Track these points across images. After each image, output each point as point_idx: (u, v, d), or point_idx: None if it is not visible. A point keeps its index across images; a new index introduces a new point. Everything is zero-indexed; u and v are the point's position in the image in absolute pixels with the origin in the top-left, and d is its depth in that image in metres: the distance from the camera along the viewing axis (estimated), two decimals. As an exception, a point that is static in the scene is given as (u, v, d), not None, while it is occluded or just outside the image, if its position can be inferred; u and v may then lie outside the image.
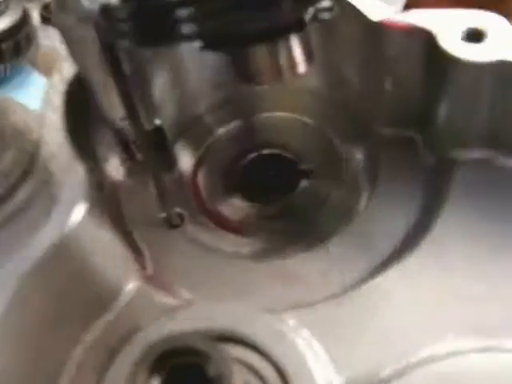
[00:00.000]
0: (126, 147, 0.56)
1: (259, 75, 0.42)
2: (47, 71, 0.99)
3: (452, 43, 0.47)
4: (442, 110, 0.51)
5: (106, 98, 0.51)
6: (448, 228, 0.50)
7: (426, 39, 0.49)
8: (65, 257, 0.43)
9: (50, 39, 1.04)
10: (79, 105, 0.51)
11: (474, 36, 0.48)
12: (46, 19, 1.07)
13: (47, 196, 0.46)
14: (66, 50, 0.51)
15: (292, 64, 0.41)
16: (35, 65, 0.98)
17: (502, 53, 0.46)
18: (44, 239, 0.42)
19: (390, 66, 0.51)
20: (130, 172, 0.57)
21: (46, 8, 1.06)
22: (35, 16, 1.04)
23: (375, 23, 0.51)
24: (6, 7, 0.91)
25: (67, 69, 0.51)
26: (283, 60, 0.41)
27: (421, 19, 0.50)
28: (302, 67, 0.42)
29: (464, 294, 0.45)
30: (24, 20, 0.92)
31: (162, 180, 0.54)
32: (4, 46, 0.89)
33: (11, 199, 0.47)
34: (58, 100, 0.50)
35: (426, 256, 0.48)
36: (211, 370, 0.36)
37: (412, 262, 0.48)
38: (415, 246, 0.49)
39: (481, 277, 0.46)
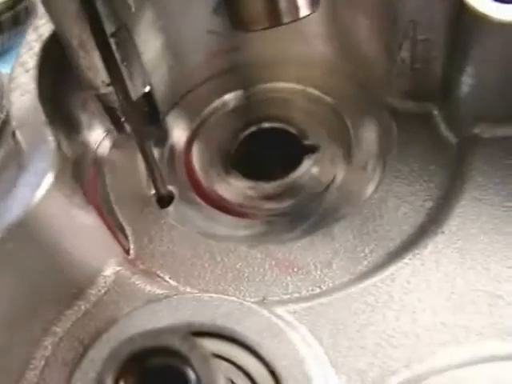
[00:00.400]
0: (111, 116, 0.50)
1: (256, 19, 0.36)
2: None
3: (481, 1, 0.41)
4: (467, 79, 0.45)
5: (87, 60, 0.45)
6: (468, 215, 0.44)
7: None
8: (32, 235, 0.38)
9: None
10: (56, 67, 0.46)
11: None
12: None
13: (15, 166, 0.41)
14: (42, 7, 0.45)
15: (292, 7, 0.36)
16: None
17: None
18: (7, 215, 0.37)
19: (407, 28, 0.45)
20: (115, 144, 0.52)
21: None
22: None
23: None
24: None
25: (43, 27, 0.46)
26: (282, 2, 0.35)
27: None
28: (303, 11, 0.36)
29: (487, 290, 0.40)
30: None
31: (151, 154, 0.48)
32: (2, 17, 0.92)
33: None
34: (31, 61, 0.44)
35: (443, 246, 0.42)
36: (190, 374, 0.31)
37: (427, 253, 0.42)
38: (431, 235, 0.43)
39: (506, 272, 0.40)
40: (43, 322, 0.41)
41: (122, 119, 0.50)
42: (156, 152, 0.52)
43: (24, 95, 0.43)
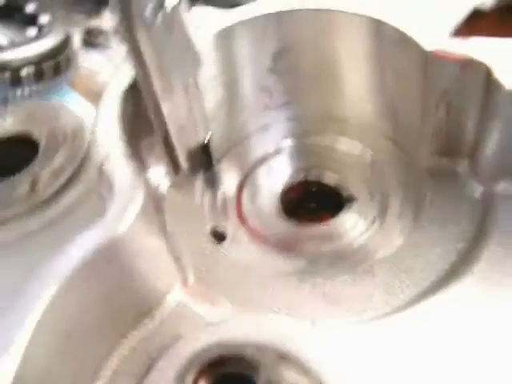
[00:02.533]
0: (173, 160, 0.56)
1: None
2: (84, 92, 1.02)
3: (508, 76, 0.48)
4: (492, 143, 0.51)
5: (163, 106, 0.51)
6: (493, 264, 0.49)
7: (481, 71, 0.49)
8: (111, 260, 0.43)
9: (89, 63, 1.08)
10: (133, 111, 0.52)
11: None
12: (87, 43, 1.11)
13: (97, 198, 0.47)
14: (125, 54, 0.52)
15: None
16: (73, 86, 1.01)
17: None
18: (92, 241, 0.42)
19: (441, 97, 0.52)
20: (173, 183, 0.57)
21: (88, 33, 1.11)
22: (77, 40, 1.09)
23: (428, 52, 0.51)
24: (50, 30, 0.96)
25: (124, 75, 0.52)
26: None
27: (476, 49, 0.50)
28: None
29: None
30: (66, 43, 0.98)
31: (208, 194, 0.54)
32: (44, 65, 0.94)
33: (61, 199, 0.48)
34: (114, 104, 0.50)
35: (469, 291, 0.47)
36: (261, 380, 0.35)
37: (456, 295, 0.47)
38: (456, 281, 0.48)
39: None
40: (115, 336, 0.45)
41: (183, 163, 0.56)
42: (210, 196, 0.58)
43: (106, 133, 0.49)
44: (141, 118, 0.53)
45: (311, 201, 0.59)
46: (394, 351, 0.43)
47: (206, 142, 0.56)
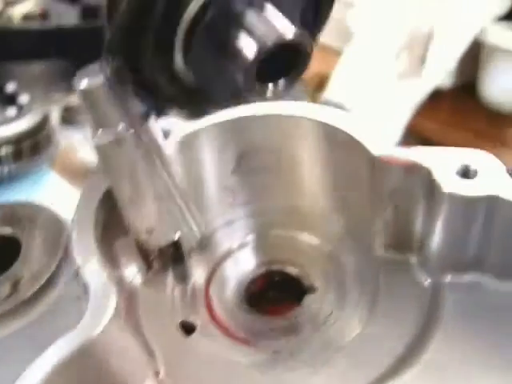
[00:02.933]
0: (144, 256, 0.60)
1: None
2: (63, 171, 1.06)
3: (446, 178, 0.53)
4: (436, 238, 0.57)
5: (135, 213, 0.56)
6: (441, 351, 0.53)
7: (423, 174, 0.55)
8: (87, 360, 0.46)
9: (68, 140, 1.12)
10: (107, 215, 0.56)
11: (467, 173, 0.54)
12: (66, 121, 1.16)
13: (74, 299, 0.50)
14: (98, 166, 0.57)
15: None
16: (53, 164, 1.04)
17: (491, 189, 0.52)
18: (69, 343, 0.46)
19: (389, 197, 0.57)
20: (146, 280, 0.61)
21: (66, 110, 1.15)
22: (56, 117, 1.13)
23: (375, 157, 0.57)
24: (29, 110, 0.99)
25: (99, 181, 0.57)
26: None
27: (419, 155, 0.56)
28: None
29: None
30: (44, 121, 1.00)
31: (178, 288, 0.58)
32: (23, 145, 0.96)
33: (41, 300, 0.51)
34: (89, 209, 0.55)
35: (421, 377, 0.51)
36: None
37: (406, 380, 0.51)
38: (409, 368, 0.52)
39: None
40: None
41: (155, 260, 0.60)
42: (180, 289, 0.62)
43: (82, 237, 0.54)
44: (115, 219, 0.57)
45: (275, 291, 0.63)
46: None
47: (175, 239, 0.61)
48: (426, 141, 1.81)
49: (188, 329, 0.59)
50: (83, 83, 0.51)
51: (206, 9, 0.46)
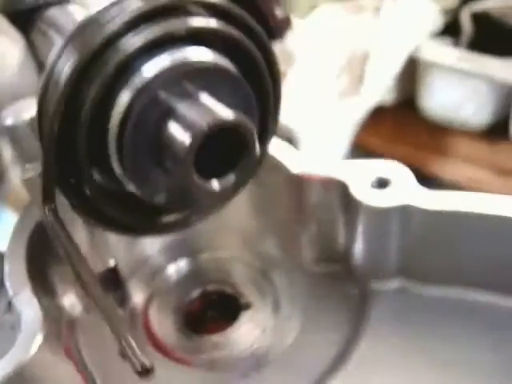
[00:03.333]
0: (83, 286, 0.62)
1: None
2: (18, 209, 1.05)
3: (361, 191, 0.57)
4: (358, 248, 0.60)
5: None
6: (367, 353, 0.56)
7: (339, 188, 0.58)
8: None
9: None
10: (41, 245, 0.58)
11: (381, 184, 0.57)
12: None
13: (8, 329, 0.52)
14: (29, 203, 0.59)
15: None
16: (6, 202, 1.04)
17: (402, 198, 0.56)
18: (1, 370, 0.47)
19: (312, 212, 0.60)
20: (86, 308, 0.63)
21: None
22: (7, 154, 1.13)
23: (295, 175, 0.60)
24: None
25: (31, 214, 0.59)
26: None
27: (336, 170, 0.59)
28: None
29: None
30: None
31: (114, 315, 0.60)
32: None
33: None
34: (22, 241, 0.56)
35: (349, 380, 0.54)
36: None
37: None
38: (339, 371, 0.55)
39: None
40: None
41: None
42: (119, 313, 0.63)
43: (15, 268, 0.55)
44: (50, 250, 0.59)
45: (213, 310, 0.65)
46: None
47: (112, 266, 0.63)
48: (372, 154, 1.86)
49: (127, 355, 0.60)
50: (8, 120, 0.53)
51: (133, 105, 0.41)
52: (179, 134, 0.40)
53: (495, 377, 0.53)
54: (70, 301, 0.63)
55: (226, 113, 0.39)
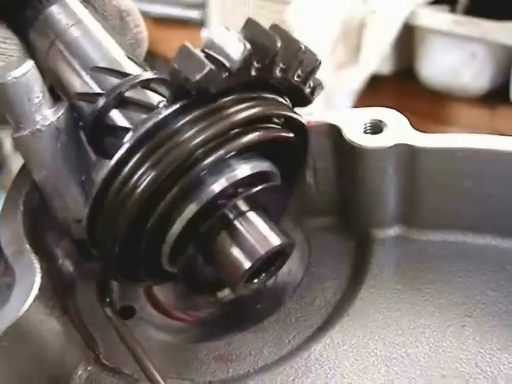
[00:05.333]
0: (78, 246, 0.61)
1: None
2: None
3: (355, 135, 0.56)
4: (356, 196, 0.59)
5: (60, 203, 0.57)
6: (367, 299, 0.55)
7: (334, 134, 0.57)
8: (19, 340, 0.47)
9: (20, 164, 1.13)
10: (37, 209, 0.57)
11: (374, 128, 0.56)
12: None
13: (5, 288, 0.51)
14: (22, 166, 0.58)
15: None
16: (5, 189, 1.05)
17: (397, 139, 0.55)
18: (3, 321, 0.47)
19: (309, 162, 0.59)
20: (83, 270, 0.62)
21: None
22: (7, 143, 1.13)
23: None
24: None
25: (25, 178, 0.58)
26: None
27: (331, 117, 0.58)
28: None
29: (383, 355, 0.51)
30: None
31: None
32: None
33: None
34: (16, 203, 0.56)
35: (347, 326, 0.53)
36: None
37: (335, 333, 0.53)
38: (341, 318, 0.54)
39: (397, 340, 0.52)
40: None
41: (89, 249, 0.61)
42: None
43: (12, 229, 0.55)
44: (46, 214, 0.59)
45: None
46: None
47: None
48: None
49: (127, 313, 0.60)
50: (2, 77, 0.52)
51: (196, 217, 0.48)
52: (238, 256, 0.48)
53: (499, 315, 0.52)
54: (68, 264, 0.62)
55: (276, 239, 0.49)
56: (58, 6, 0.58)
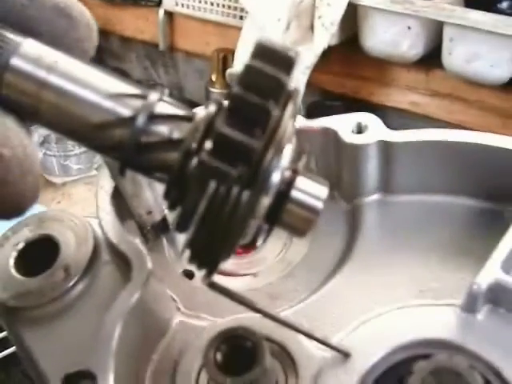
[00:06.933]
0: (143, 232, 0.83)
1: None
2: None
3: (346, 135, 0.79)
4: (345, 175, 0.82)
5: (136, 202, 0.79)
6: (363, 254, 0.79)
7: (332, 134, 0.80)
8: (139, 306, 0.69)
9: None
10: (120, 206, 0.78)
11: (359, 129, 0.79)
12: None
13: (115, 269, 0.73)
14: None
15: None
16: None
17: (377, 137, 0.78)
18: (128, 296, 0.68)
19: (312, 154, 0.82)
20: (149, 247, 0.83)
21: None
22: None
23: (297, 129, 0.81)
24: None
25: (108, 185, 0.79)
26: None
27: (328, 122, 0.81)
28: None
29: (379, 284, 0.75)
30: None
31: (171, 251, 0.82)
32: None
33: (85, 278, 0.73)
34: (107, 206, 0.77)
35: (351, 271, 0.77)
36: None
37: (343, 276, 0.77)
38: (343, 267, 0.78)
39: (389, 272, 0.76)
40: (146, 352, 0.71)
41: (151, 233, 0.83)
42: (173, 250, 0.85)
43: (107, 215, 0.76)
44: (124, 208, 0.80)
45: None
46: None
47: (163, 216, 0.83)
48: (323, 91, 2.08)
49: (189, 275, 0.82)
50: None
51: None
52: (305, 214, 0.55)
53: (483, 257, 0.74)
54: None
55: (324, 189, 0.57)
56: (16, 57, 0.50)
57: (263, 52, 0.48)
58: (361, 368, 0.66)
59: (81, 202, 1.90)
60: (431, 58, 1.80)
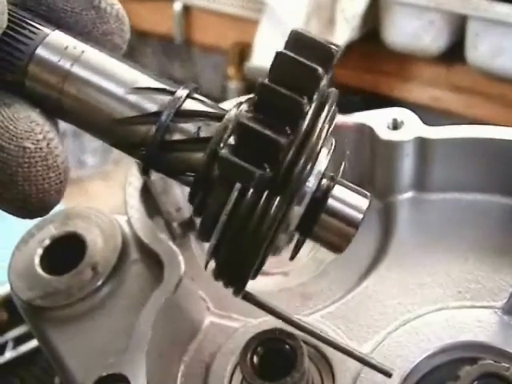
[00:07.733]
0: (168, 227, 0.81)
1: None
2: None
3: (382, 131, 0.76)
4: (380, 172, 0.80)
5: (165, 198, 0.77)
6: (397, 253, 0.77)
7: (367, 131, 0.77)
8: (172, 306, 0.67)
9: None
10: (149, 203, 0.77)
11: (395, 125, 0.77)
12: None
13: (144, 268, 0.71)
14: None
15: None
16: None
17: (414, 133, 0.76)
18: (160, 297, 0.66)
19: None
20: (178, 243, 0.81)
21: None
22: None
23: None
24: None
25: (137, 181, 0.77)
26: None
27: (362, 118, 0.78)
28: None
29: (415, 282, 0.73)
30: None
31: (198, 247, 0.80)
32: None
33: (113, 277, 0.71)
34: (136, 203, 0.75)
35: (386, 270, 0.75)
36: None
37: (378, 275, 0.75)
38: (377, 266, 0.76)
39: (421, 270, 0.74)
40: (177, 352, 0.69)
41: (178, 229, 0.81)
42: (200, 246, 0.83)
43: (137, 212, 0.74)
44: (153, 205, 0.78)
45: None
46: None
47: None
48: (342, 85, 2.06)
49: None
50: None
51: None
52: (341, 227, 0.52)
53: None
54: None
55: (364, 200, 0.53)
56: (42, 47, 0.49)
57: (301, 42, 0.45)
58: (400, 371, 0.64)
59: (98, 198, 1.88)
60: (452, 53, 1.77)
